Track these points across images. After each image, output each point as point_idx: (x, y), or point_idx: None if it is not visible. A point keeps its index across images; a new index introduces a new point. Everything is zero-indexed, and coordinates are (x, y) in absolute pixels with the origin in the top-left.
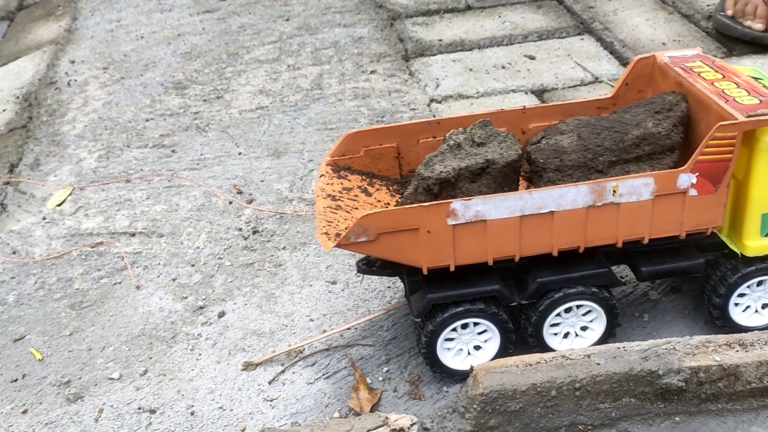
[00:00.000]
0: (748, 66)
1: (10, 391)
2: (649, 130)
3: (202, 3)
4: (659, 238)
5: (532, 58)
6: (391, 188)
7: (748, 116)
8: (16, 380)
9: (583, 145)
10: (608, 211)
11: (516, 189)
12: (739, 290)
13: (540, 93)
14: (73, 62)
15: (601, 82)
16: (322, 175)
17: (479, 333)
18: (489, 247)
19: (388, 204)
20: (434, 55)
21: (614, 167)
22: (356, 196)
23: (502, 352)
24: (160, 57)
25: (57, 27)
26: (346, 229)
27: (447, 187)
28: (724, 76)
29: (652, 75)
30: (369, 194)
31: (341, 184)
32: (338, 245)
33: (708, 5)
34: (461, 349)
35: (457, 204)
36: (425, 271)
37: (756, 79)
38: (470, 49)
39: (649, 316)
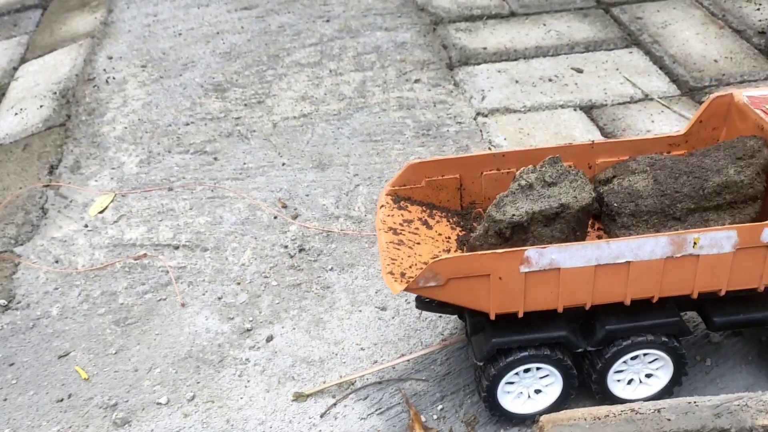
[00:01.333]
0: None
1: (56, 412)
2: (731, 177)
3: None
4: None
5: (579, 71)
6: (451, 220)
7: None
8: (62, 400)
9: (660, 190)
10: (686, 263)
11: (586, 231)
12: None
13: (588, 109)
14: (110, 58)
15: (651, 99)
16: (382, 206)
17: (541, 377)
18: (561, 294)
19: (449, 238)
20: (479, 64)
21: (692, 215)
22: (417, 228)
23: (563, 397)
24: (198, 56)
25: (93, 19)
26: (410, 267)
27: (519, 231)
28: None
29: (729, 113)
30: (429, 227)
31: (401, 215)
32: (407, 289)
33: (760, 20)
34: (521, 393)
35: (531, 252)
36: (493, 317)
37: None
38: (515, 59)
39: (712, 361)
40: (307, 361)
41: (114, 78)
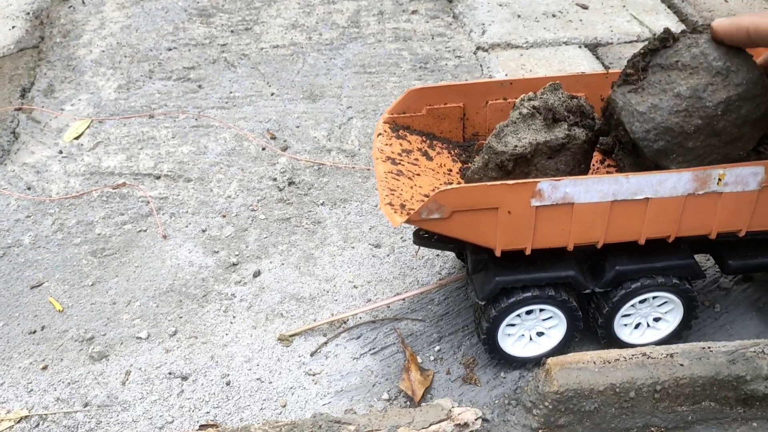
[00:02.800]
0: None
1: (29, 344)
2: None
3: None
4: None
5: (584, 7)
6: (452, 152)
7: None
8: (34, 332)
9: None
10: (708, 201)
11: (590, 164)
12: None
13: (594, 47)
14: None
15: None
16: (379, 134)
17: (544, 320)
18: (572, 231)
19: (450, 170)
20: None
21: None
22: (416, 159)
23: (566, 341)
24: None
25: None
26: (410, 198)
27: (521, 163)
28: None
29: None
30: (430, 158)
31: (400, 145)
32: (409, 221)
33: None
34: (523, 335)
35: (544, 184)
36: (498, 253)
37: None
38: None
39: (721, 307)
40: (297, 298)
41: None
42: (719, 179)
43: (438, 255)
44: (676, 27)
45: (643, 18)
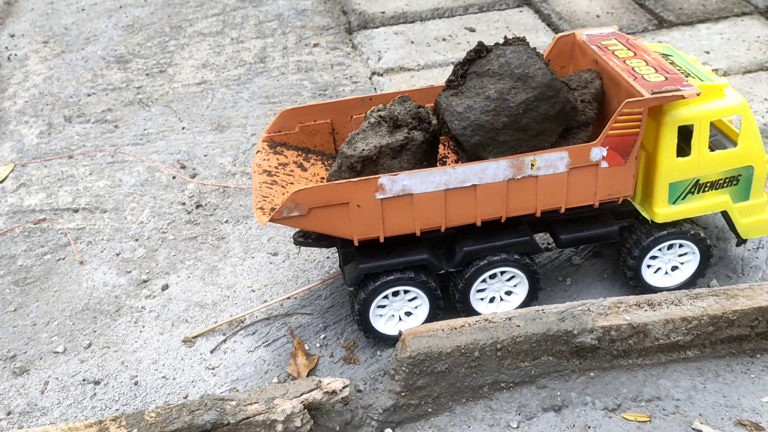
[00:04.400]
0: (662, 43)
1: None
2: None
3: None
4: (576, 208)
5: (472, 30)
6: (326, 163)
7: (654, 93)
8: None
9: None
10: (527, 184)
11: (436, 161)
12: (651, 253)
13: None
14: (12, 36)
15: None
16: (258, 152)
17: (410, 300)
18: (416, 218)
19: (323, 179)
20: (377, 27)
21: None
22: (292, 171)
23: (431, 318)
24: (101, 30)
25: None
26: (280, 202)
27: (369, 164)
28: (635, 54)
29: (573, 52)
30: (305, 169)
31: (277, 159)
32: (272, 220)
33: None
34: (393, 315)
35: (384, 179)
36: (356, 243)
37: (665, 56)
38: (412, 22)
39: (571, 280)
40: (200, 305)
41: (16, 55)
42: (532, 164)
43: (328, 257)
44: None
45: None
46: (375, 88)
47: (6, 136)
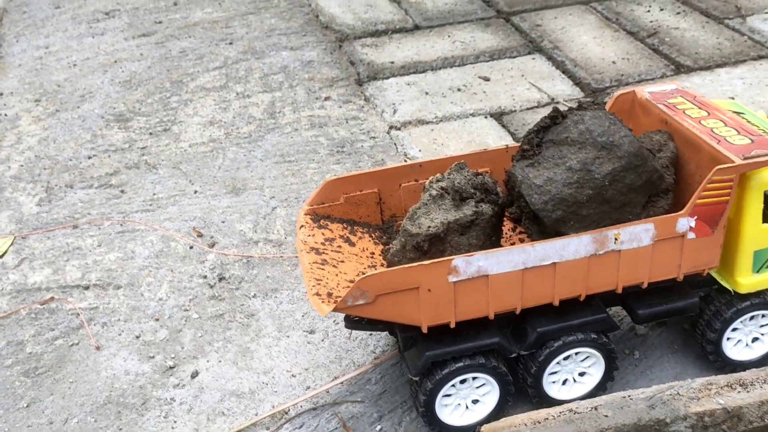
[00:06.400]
0: (726, 100)
1: None
2: None
3: (137, 26)
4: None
5: (486, 79)
6: (373, 235)
7: (745, 158)
8: None
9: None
10: (609, 259)
11: (501, 235)
12: (733, 325)
13: (499, 116)
14: (1, 94)
15: (557, 103)
16: (302, 226)
17: (477, 387)
18: (490, 301)
19: (373, 253)
20: (387, 78)
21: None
22: (339, 246)
23: (501, 405)
24: (96, 86)
25: None
26: (336, 286)
27: (436, 242)
28: (709, 114)
29: (633, 110)
30: (352, 244)
31: (323, 234)
32: (336, 310)
33: (651, 21)
34: (459, 404)
35: (459, 261)
36: (425, 330)
37: (738, 113)
38: (423, 71)
39: (640, 353)
40: (237, 394)
41: (6, 115)
42: (615, 238)
43: (371, 334)
44: (572, 90)
45: (541, 85)
46: (395, 143)
47: (2, 204)
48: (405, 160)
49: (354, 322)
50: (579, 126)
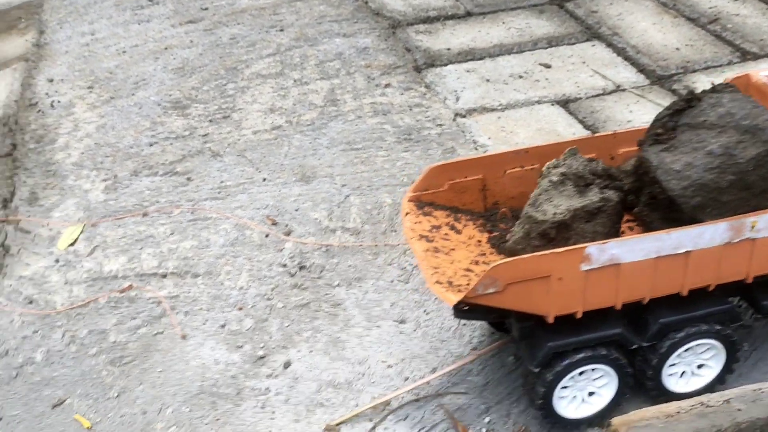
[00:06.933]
0: None
1: None
2: None
3: (182, 13)
4: None
5: (547, 66)
6: (476, 223)
7: None
8: None
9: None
10: (743, 247)
11: (620, 225)
12: None
13: (564, 103)
14: (51, 81)
15: (624, 90)
16: (407, 213)
17: (594, 379)
18: (620, 290)
19: (480, 241)
20: (445, 65)
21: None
22: (446, 234)
23: (618, 398)
24: (149, 74)
25: (23, 41)
26: (454, 274)
27: (562, 230)
28: None
29: (747, 93)
30: (458, 231)
31: (428, 221)
32: (465, 299)
33: (710, 8)
34: (575, 397)
35: (592, 248)
36: (551, 320)
37: None
38: (481, 58)
39: (749, 345)
40: (333, 385)
41: (59, 102)
42: (752, 226)
43: (464, 324)
44: (636, 77)
45: (604, 72)
46: (462, 131)
47: (67, 192)
48: (475, 148)
49: (464, 312)
50: (718, 109)
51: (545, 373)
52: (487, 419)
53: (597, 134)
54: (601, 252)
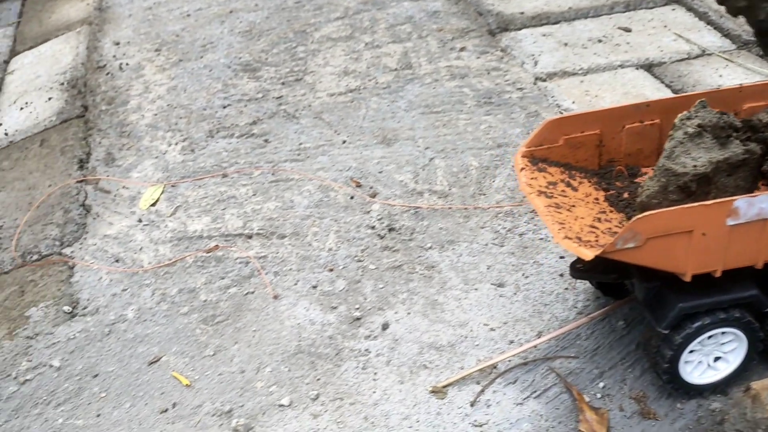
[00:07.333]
0: None
1: (163, 424)
2: None
3: None
4: None
5: (627, 30)
6: (591, 180)
7: None
8: (166, 410)
9: None
10: None
11: (759, 180)
12: None
13: (649, 67)
14: (117, 44)
15: (710, 54)
16: (522, 168)
17: (722, 343)
18: (763, 248)
19: (597, 199)
20: (520, 29)
21: None
22: (563, 191)
23: (745, 364)
24: (216, 37)
25: (84, 5)
26: (581, 230)
27: (703, 183)
28: None
29: None
30: (575, 189)
31: (544, 177)
32: (604, 253)
33: None
34: (701, 362)
35: (741, 202)
36: (688, 278)
37: None
38: (557, 22)
39: None
40: (436, 347)
41: (128, 64)
42: None
43: (566, 288)
44: (722, 42)
45: (688, 36)
46: (545, 95)
47: (143, 153)
48: (560, 112)
49: (581, 272)
50: None
51: (674, 336)
52: (601, 384)
53: (721, 88)
54: (749, 206)
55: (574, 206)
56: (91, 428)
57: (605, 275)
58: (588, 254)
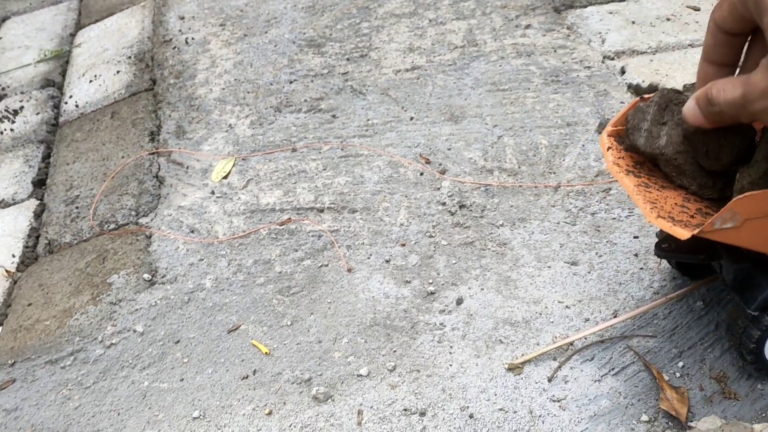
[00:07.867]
0: None
1: (245, 390)
2: None
3: None
4: None
5: (696, 9)
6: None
7: None
8: (247, 377)
9: None
10: None
11: None
12: None
13: None
14: (182, 18)
15: None
16: (609, 148)
17: None
18: None
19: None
20: (585, 6)
21: None
22: (651, 171)
23: None
24: (280, 12)
25: None
26: (672, 209)
27: None
28: None
29: None
30: (661, 169)
31: (630, 157)
32: (701, 233)
33: None
34: None
35: None
36: None
37: None
38: (623, 0)
39: None
40: (511, 323)
41: (193, 38)
42: None
43: (642, 268)
44: None
45: None
46: (614, 74)
47: (213, 126)
48: (631, 92)
49: (667, 251)
50: None
51: (763, 317)
52: (680, 363)
53: None
54: None
55: (664, 187)
56: (176, 392)
57: (693, 255)
58: (684, 233)
